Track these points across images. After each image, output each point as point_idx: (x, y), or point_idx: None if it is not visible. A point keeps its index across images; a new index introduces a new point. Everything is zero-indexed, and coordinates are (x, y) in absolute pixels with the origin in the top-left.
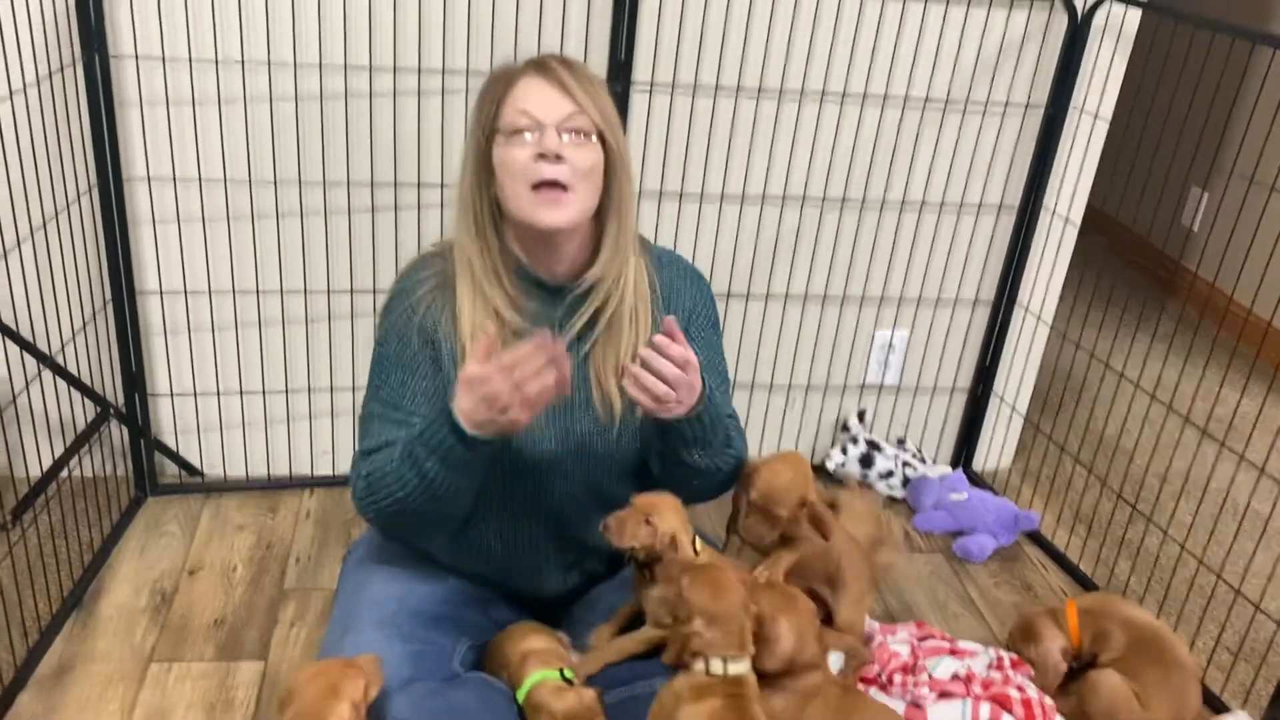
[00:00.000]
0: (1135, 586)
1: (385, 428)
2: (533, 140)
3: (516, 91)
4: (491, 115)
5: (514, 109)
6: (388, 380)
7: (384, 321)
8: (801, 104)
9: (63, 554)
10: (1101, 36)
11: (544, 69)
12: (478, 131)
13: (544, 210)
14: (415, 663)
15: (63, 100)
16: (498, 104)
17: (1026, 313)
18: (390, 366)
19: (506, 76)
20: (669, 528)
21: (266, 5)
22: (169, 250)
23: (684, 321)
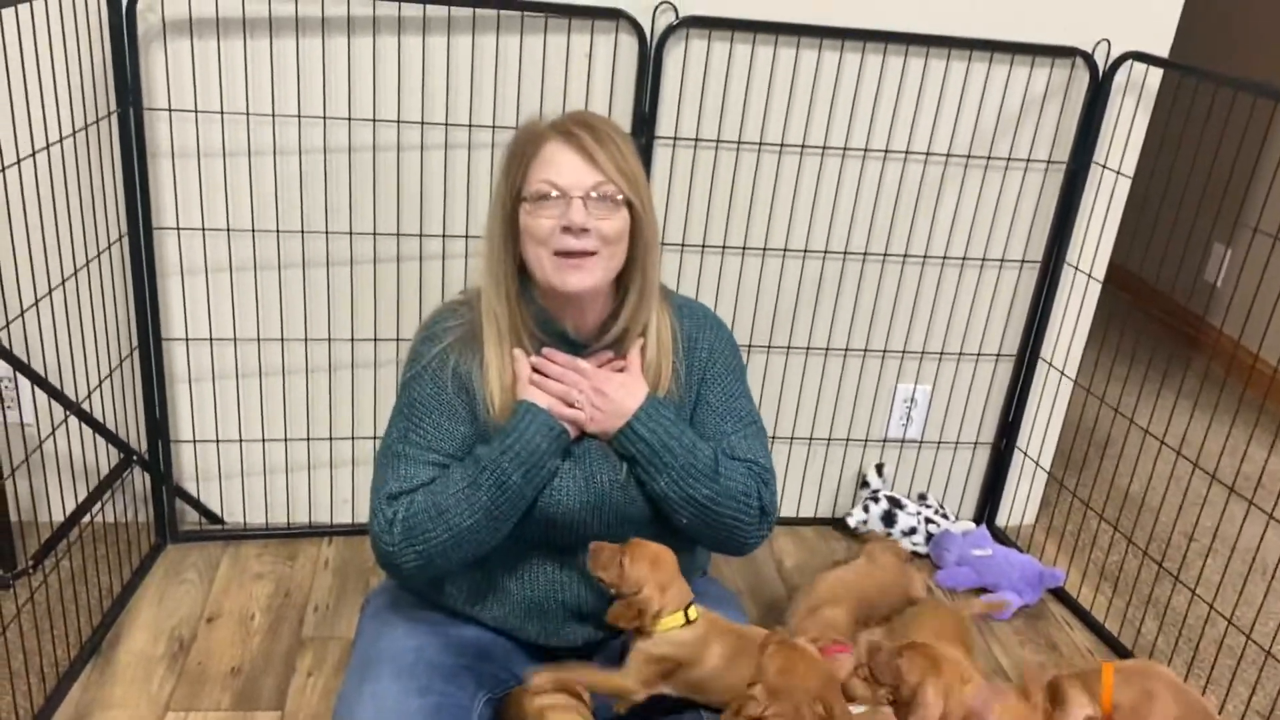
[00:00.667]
0: (1163, 646)
1: (419, 469)
2: (558, 210)
3: (542, 157)
4: (517, 180)
5: (539, 177)
6: (422, 423)
7: (414, 365)
8: (824, 159)
9: (82, 599)
10: (1123, 93)
11: (569, 136)
12: (504, 193)
13: (567, 275)
14: (434, 715)
15: (97, 152)
16: (524, 169)
17: (1050, 367)
18: (426, 409)
19: (533, 139)
20: (639, 575)
21: (297, 61)
22: (195, 298)
23: (701, 368)
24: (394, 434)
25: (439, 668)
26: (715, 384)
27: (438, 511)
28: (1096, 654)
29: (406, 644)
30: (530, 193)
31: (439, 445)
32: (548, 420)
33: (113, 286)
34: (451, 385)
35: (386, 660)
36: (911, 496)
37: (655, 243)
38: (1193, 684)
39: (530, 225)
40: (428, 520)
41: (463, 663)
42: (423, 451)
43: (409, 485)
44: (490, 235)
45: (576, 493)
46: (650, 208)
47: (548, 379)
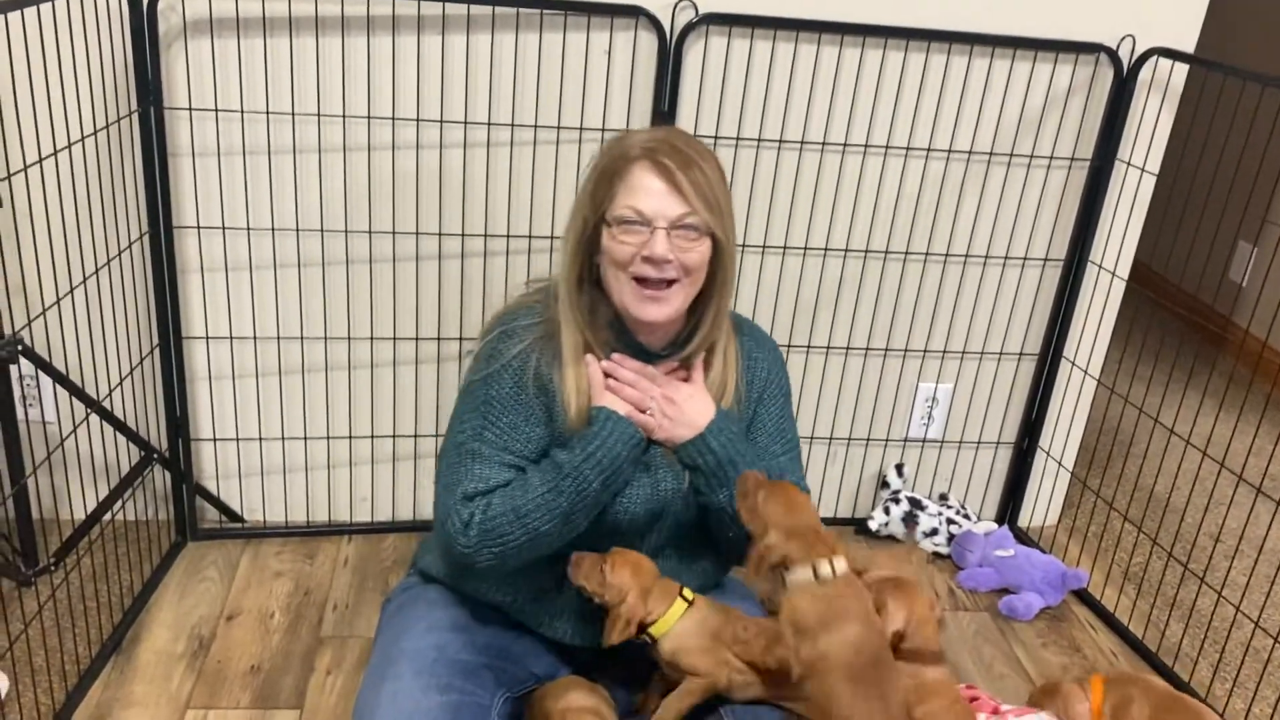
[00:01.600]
0: (1188, 649)
1: (494, 470)
2: (641, 238)
3: (630, 182)
4: (602, 199)
5: (625, 203)
6: (498, 422)
7: (492, 362)
8: (844, 157)
9: (103, 597)
10: (1148, 90)
11: (659, 166)
12: (589, 207)
13: (644, 306)
14: (454, 714)
15: (118, 151)
16: (611, 190)
17: (1073, 366)
18: (504, 408)
19: (622, 160)
20: (621, 584)
21: (317, 60)
22: (215, 297)
23: (759, 389)
24: (467, 431)
25: (459, 666)
26: (771, 404)
27: (517, 515)
28: (1121, 656)
29: (427, 642)
30: (614, 217)
31: (514, 446)
32: (629, 428)
33: (133, 285)
34: (532, 386)
35: (407, 658)
36: (932, 497)
37: (733, 271)
38: (1218, 688)
39: (612, 249)
40: (506, 524)
41: (483, 661)
42: (498, 452)
43: (484, 487)
44: (568, 244)
45: (644, 500)
46: (732, 237)
47: (621, 385)
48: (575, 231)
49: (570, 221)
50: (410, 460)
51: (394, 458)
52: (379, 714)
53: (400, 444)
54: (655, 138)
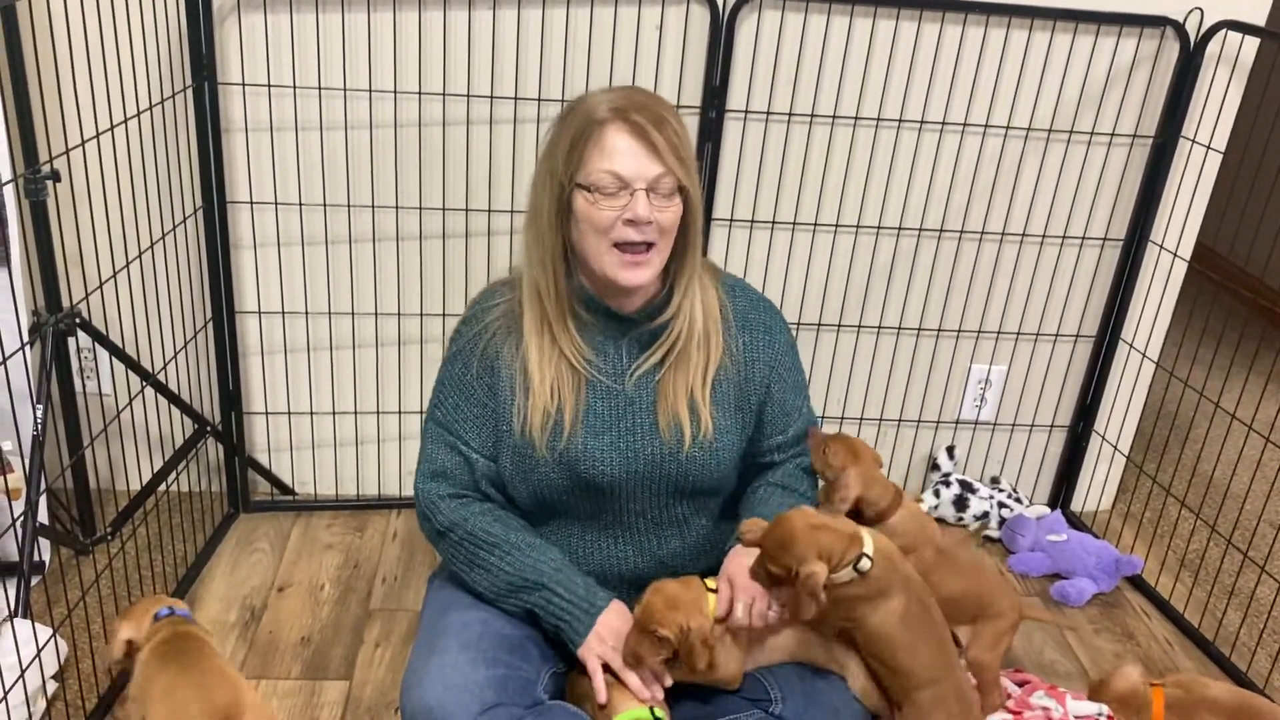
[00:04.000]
0: (1246, 638)
1: (439, 450)
2: (620, 201)
3: (604, 146)
4: (574, 165)
5: (601, 168)
6: (444, 402)
7: (451, 344)
8: (899, 133)
9: (158, 566)
10: (1216, 64)
11: (633, 126)
12: (559, 175)
13: (626, 271)
14: (500, 688)
15: (173, 127)
16: (581, 154)
17: (1131, 349)
18: (449, 389)
19: (592, 123)
20: (673, 625)
21: (369, 35)
22: (268, 272)
23: (774, 357)
24: (429, 406)
25: (505, 640)
26: (785, 360)
27: (470, 559)
28: (1175, 645)
29: (473, 615)
30: (591, 182)
31: (454, 428)
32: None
33: (188, 260)
34: (477, 367)
35: (454, 632)
36: (984, 480)
37: (701, 223)
38: (1277, 679)
39: (591, 214)
40: (460, 552)
41: (528, 635)
42: (444, 431)
43: (436, 467)
44: (537, 214)
45: (620, 462)
46: (699, 188)
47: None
48: (549, 202)
49: (536, 194)
50: None
51: None
52: (427, 687)
53: None
54: (621, 96)
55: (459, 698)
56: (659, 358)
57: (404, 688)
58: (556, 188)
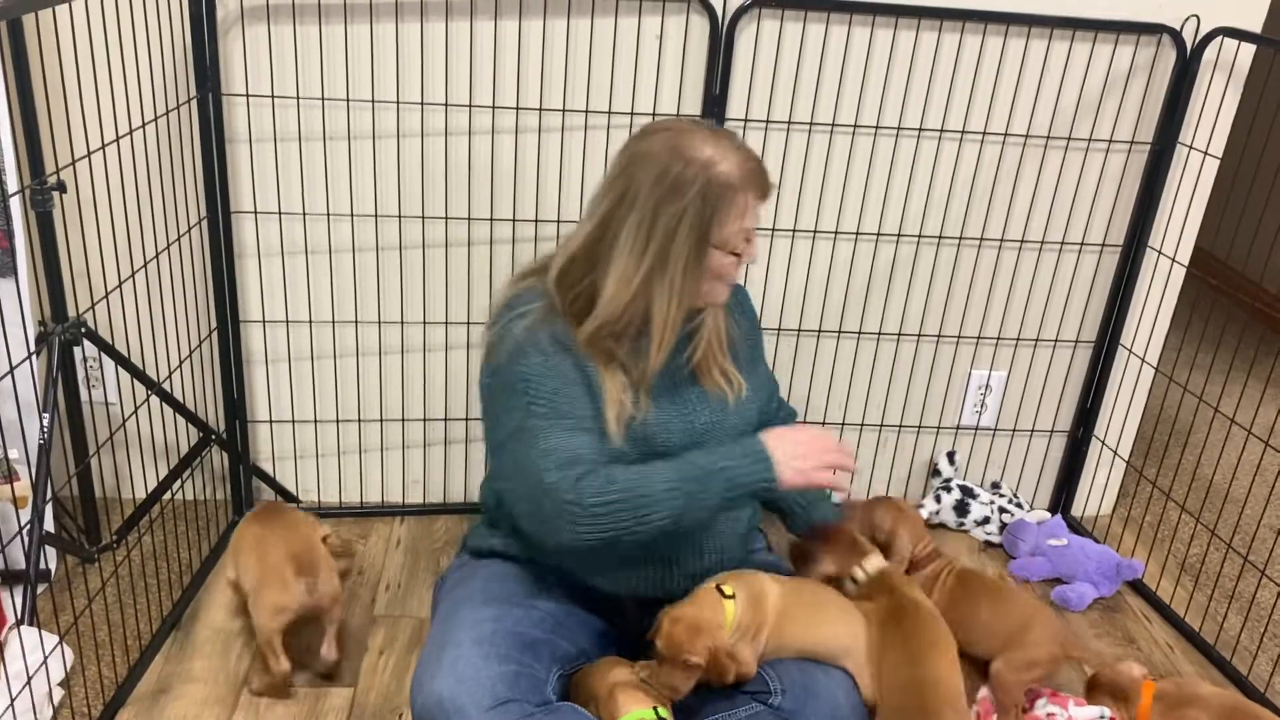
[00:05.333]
0: (1247, 643)
1: (559, 438)
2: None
3: (741, 208)
4: (716, 223)
5: (741, 231)
6: (540, 392)
7: (505, 344)
8: (898, 140)
9: (163, 574)
10: (1212, 71)
11: (763, 192)
12: (696, 229)
13: (722, 294)
14: (512, 684)
15: (178, 137)
16: (721, 216)
17: (1130, 354)
18: (540, 380)
19: (729, 187)
20: (702, 650)
21: (372, 46)
22: (272, 281)
23: (751, 312)
24: (516, 415)
25: (517, 638)
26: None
27: (632, 502)
28: (1176, 649)
29: (486, 613)
30: (730, 243)
31: (563, 409)
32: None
33: (192, 269)
34: (555, 349)
35: (466, 627)
36: (984, 485)
37: None
38: (1279, 681)
39: (720, 266)
40: (621, 508)
41: (538, 636)
42: (559, 419)
43: (569, 455)
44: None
45: (680, 432)
46: None
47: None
48: (682, 249)
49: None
50: (462, 443)
51: (445, 440)
52: (439, 681)
53: (452, 427)
54: (741, 156)
55: (471, 691)
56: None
57: (415, 680)
58: (696, 239)
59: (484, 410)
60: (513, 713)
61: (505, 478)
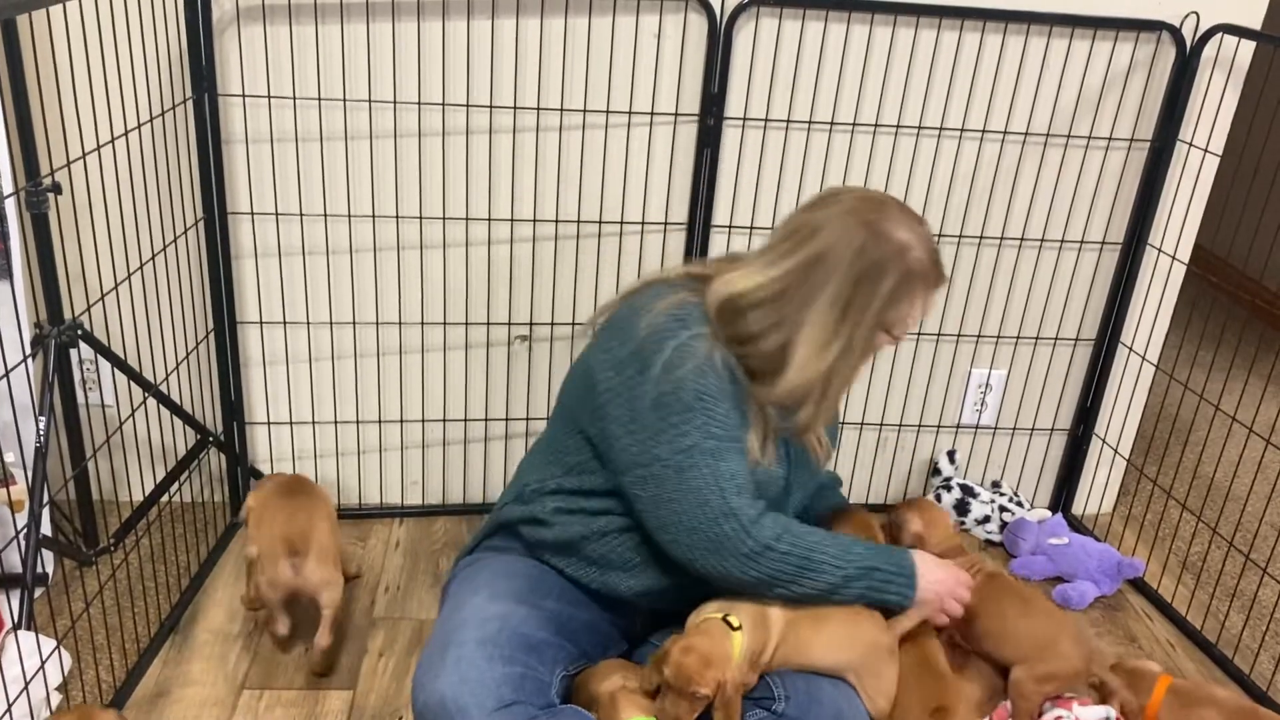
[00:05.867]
0: (1249, 641)
1: (740, 462)
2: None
3: (917, 297)
4: (886, 309)
5: (911, 315)
6: (715, 413)
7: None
8: (897, 139)
9: (161, 577)
10: (1212, 68)
11: (941, 281)
12: (877, 309)
13: None
14: (518, 686)
15: (173, 138)
16: (899, 302)
17: (1130, 352)
18: (718, 398)
19: (914, 277)
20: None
21: (369, 46)
22: (269, 283)
23: None
24: (694, 434)
25: (523, 639)
26: None
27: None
28: (1178, 647)
29: (491, 611)
30: (899, 327)
31: (734, 433)
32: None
33: (189, 271)
34: (728, 373)
35: (472, 627)
36: (985, 484)
37: None
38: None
39: (878, 345)
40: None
41: (544, 637)
42: (730, 443)
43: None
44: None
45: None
46: None
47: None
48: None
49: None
50: (460, 444)
51: (444, 441)
52: (442, 681)
53: (450, 428)
54: (929, 245)
55: (475, 692)
56: None
57: (416, 680)
58: (873, 319)
59: (619, 415)
60: (517, 715)
61: (654, 493)
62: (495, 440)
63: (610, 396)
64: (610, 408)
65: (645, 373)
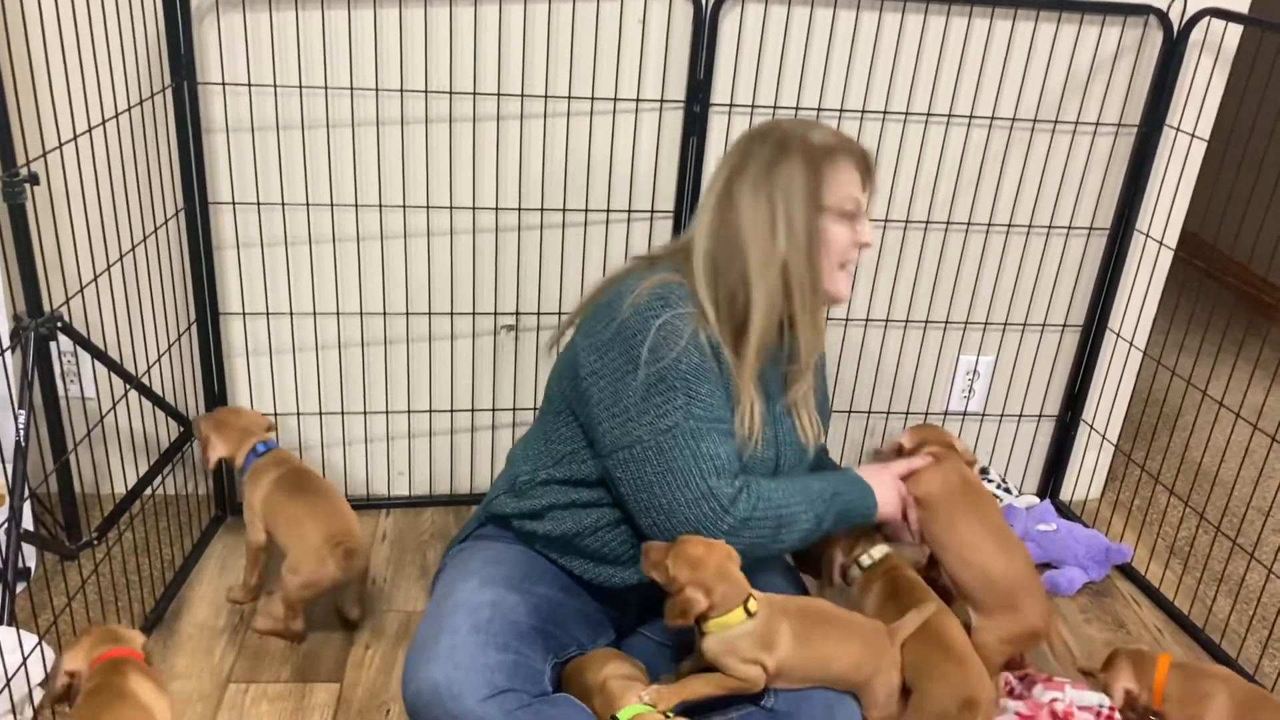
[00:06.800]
0: (1236, 625)
1: (715, 443)
2: (854, 227)
3: (843, 175)
4: (818, 189)
5: (844, 193)
6: (698, 393)
7: (673, 340)
8: (884, 125)
9: (145, 571)
10: (1199, 52)
11: (866, 166)
12: (806, 202)
13: (844, 286)
14: (511, 673)
15: (152, 127)
16: (820, 180)
17: (1118, 338)
18: (700, 378)
19: (825, 150)
20: (681, 576)
21: (350, 33)
22: (252, 273)
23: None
24: (676, 413)
25: (515, 626)
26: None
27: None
28: (1165, 632)
29: (483, 598)
30: (836, 206)
31: (716, 414)
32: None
33: (170, 261)
34: (710, 351)
35: (464, 613)
36: None
37: None
38: (1267, 665)
39: (837, 236)
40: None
41: (535, 624)
42: (716, 423)
43: (724, 463)
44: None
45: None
46: None
47: None
48: (804, 231)
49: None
50: (447, 435)
51: (431, 432)
52: (435, 667)
53: (437, 419)
54: (824, 130)
55: (468, 679)
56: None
57: (408, 665)
58: (808, 215)
59: (602, 397)
60: (510, 702)
61: (635, 475)
62: (482, 431)
63: (594, 380)
64: (594, 390)
65: (628, 354)
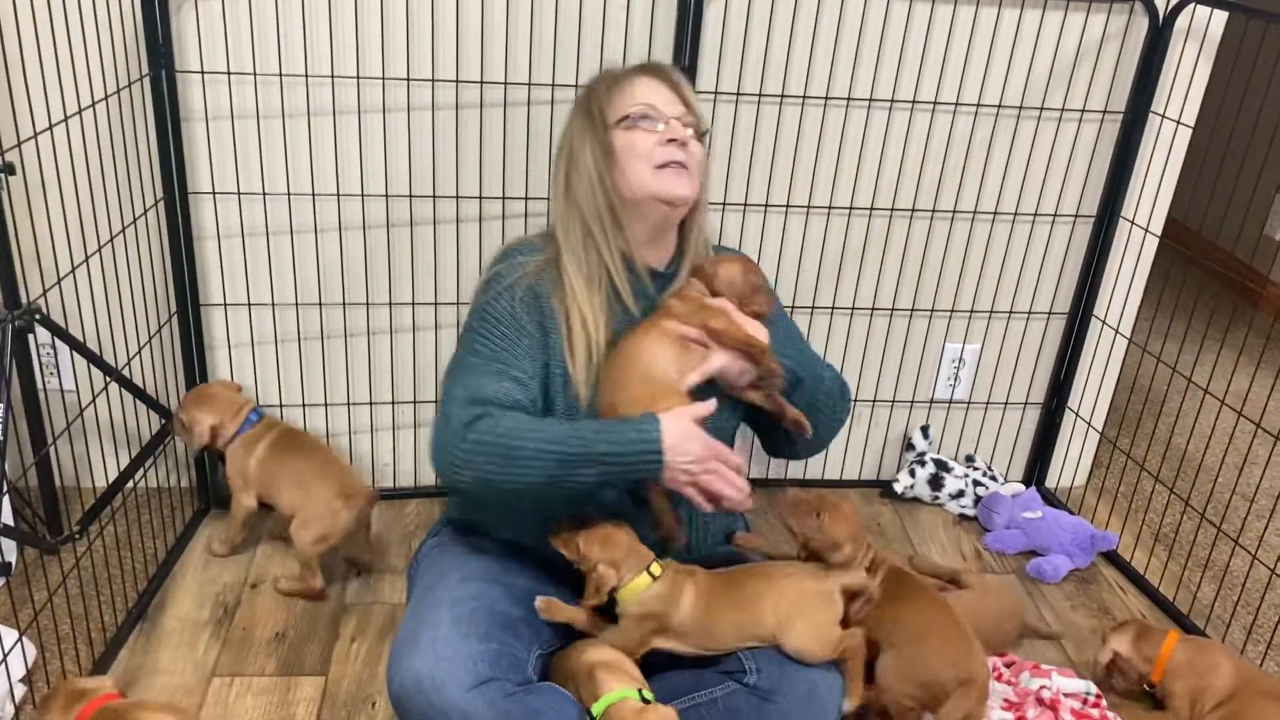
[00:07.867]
0: (1220, 611)
1: (483, 379)
2: (658, 128)
3: (634, 89)
4: (606, 108)
5: (634, 102)
6: (491, 334)
7: (493, 284)
8: (870, 112)
9: (128, 565)
10: (1184, 39)
11: (657, 71)
12: (593, 127)
13: (672, 183)
14: (494, 662)
15: (130, 116)
16: (612, 99)
17: (1103, 325)
18: (497, 321)
19: (616, 76)
20: (592, 553)
21: (330, 21)
22: (233, 264)
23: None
24: (465, 346)
25: (497, 617)
26: (780, 321)
27: (509, 453)
28: (1151, 618)
29: (464, 591)
30: (629, 113)
31: (503, 357)
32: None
33: (150, 252)
34: (528, 304)
35: (446, 606)
36: (959, 459)
37: (707, 183)
38: (1252, 650)
39: (630, 143)
40: (496, 455)
41: (518, 615)
42: (489, 361)
43: (479, 394)
44: (579, 179)
45: None
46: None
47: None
48: (587, 159)
49: (574, 162)
50: (431, 426)
51: (415, 423)
52: (418, 659)
53: (421, 409)
54: (646, 62)
55: (451, 669)
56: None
57: (392, 659)
58: (597, 139)
59: None
60: (494, 691)
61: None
62: None
63: None
64: None
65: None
